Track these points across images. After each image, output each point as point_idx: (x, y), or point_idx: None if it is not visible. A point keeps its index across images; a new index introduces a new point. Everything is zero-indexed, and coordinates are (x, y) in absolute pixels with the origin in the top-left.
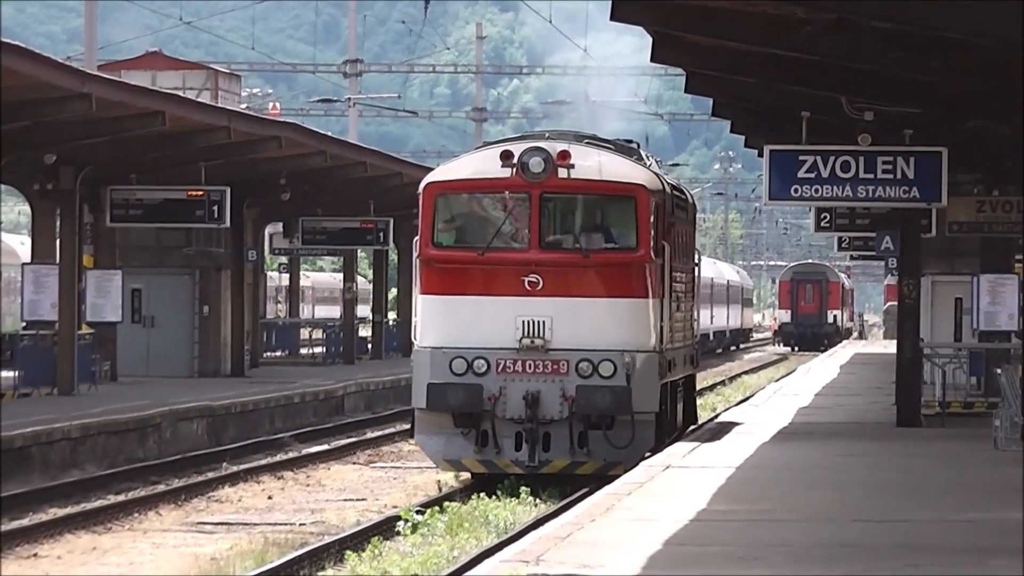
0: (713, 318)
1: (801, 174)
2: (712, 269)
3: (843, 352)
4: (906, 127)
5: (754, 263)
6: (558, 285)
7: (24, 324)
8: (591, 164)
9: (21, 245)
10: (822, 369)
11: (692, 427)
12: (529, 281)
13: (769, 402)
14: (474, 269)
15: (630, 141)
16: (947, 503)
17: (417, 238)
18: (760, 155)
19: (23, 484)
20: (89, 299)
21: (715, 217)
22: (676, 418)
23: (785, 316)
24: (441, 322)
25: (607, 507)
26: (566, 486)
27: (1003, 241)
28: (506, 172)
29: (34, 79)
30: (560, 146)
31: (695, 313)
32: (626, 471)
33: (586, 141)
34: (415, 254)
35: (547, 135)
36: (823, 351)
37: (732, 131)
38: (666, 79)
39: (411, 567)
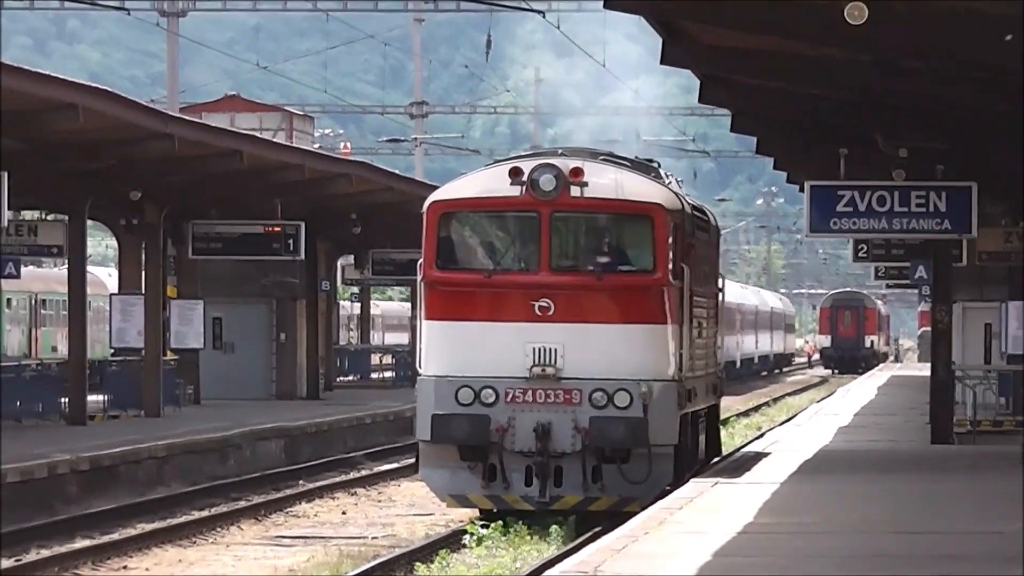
0: (758, 343)
1: (840, 208)
2: (756, 297)
3: (880, 375)
4: (938, 162)
5: (795, 291)
6: (570, 310)
7: (112, 351)
8: (605, 182)
9: (108, 277)
10: (860, 390)
11: (716, 459)
12: (540, 306)
13: (811, 422)
14: (481, 293)
15: (651, 161)
16: (977, 516)
17: (421, 260)
18: (801, 190)
19: (112, 501)
20: (173, 327)
21: (759, 248)
22: (698, 449)
23: (825, 341)
24: (446, 349)
25: (660, 520)
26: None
27: None
28: (515, 190)
29: (120, 121)
30: (573, 163)
31: (719, 339)
32: (643, 508)
33: (601, 158)
34: (419, 277)
35: (560, 151)
36: (861, 373)
37: (775, 168)
38: (712, 119)
39: None
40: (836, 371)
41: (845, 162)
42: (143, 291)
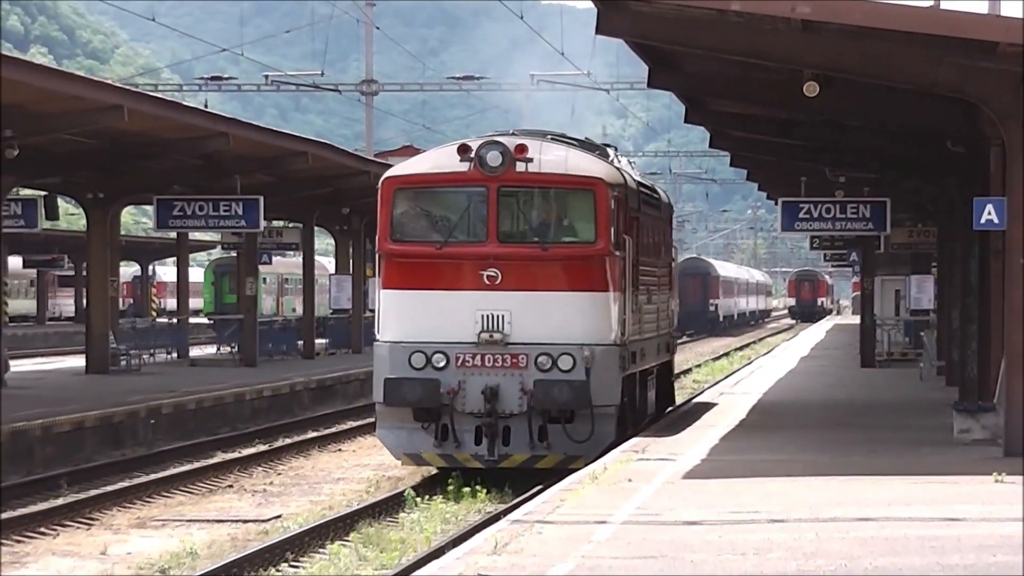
0: (748, 303)
1: (801, 215)
2: (747, 274)
3: (827, 323)
4: (865, 185)
5: (773, 269)
6: (517, 279)
7: (331, 311)
8: (550, 158)
9: (329, 263)
10: (815, 333)
11: (670, 408)
12: (488, 275)
13: (784, 352)
14: (433, 263)
15: (608, 145)
16: (892, 413)
17: (377, 234)
18: (775, 203)
19: (332, 407)
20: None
21: (748, 242)
22: (646, 406)
23: (791, 301)
24: (400, 316)
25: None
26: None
27: (925, 255)
28: (464, 166)
29: (336, 163)
30: (518, 140)
31: (672, 304)
32: (586, 464)
33: (550, 138)
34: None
35: (512, 132)
36: (815, 322)
37: (748, 178)
38: (719, 158)
39: None
40: (799, 320)
41: (804, 185)
42: (351, 272)
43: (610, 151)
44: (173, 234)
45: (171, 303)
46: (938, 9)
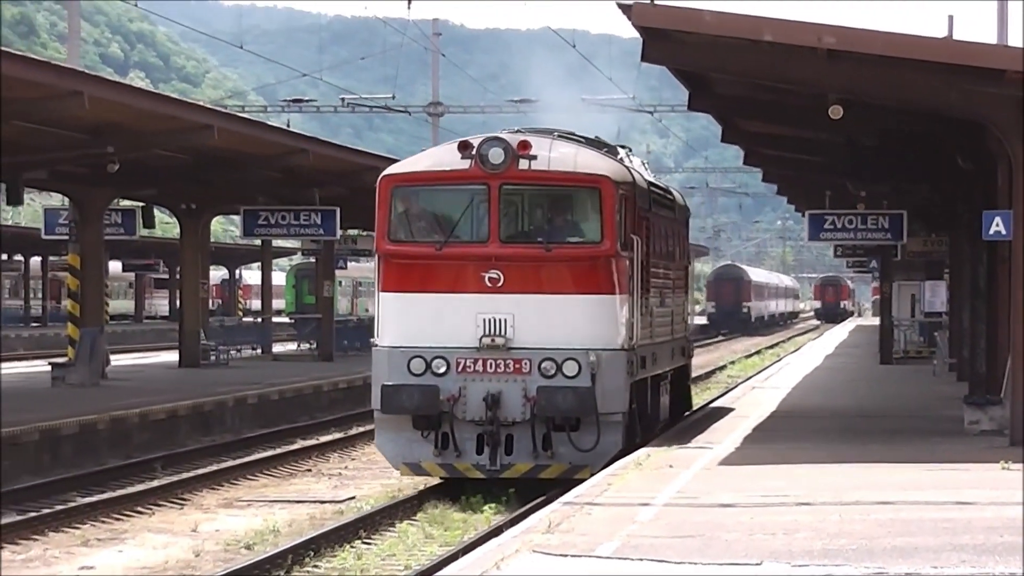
0: (778, 306)
1: (826, 226)
2: (777, 279)
3: (849, 324)
4: (883, 199)
5: (800, 275)
6: (520, 281)
7: None
8: (555, 156)
9: None
10: (838, 333)
11: (687, 412)
12: (490, 277)
13: (811, 350)
14: (432, 265)
15: (622, 146)
16: (909, 406)
17: (375, 234)
18: (802, 215)
19: None
20: None
21: (778, 250)
22: (658, 412)
23: (817, 304)
24: (399, 320)
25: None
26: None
27: (938, 262)
28: (465, 164)
29: None
30: (521, 137)
31: (688, 306)
32: (592, 475)
33: (556, 135)
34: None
35: (517, 130)
36: (839, 323)
37: (777, 192)
38: (752, 174)
39: None
40: (824, 322)
41: (829, 198)
42: None
43: (621, 151)
44: (258, 241)
45: (256, 304)
46: (951, 40)
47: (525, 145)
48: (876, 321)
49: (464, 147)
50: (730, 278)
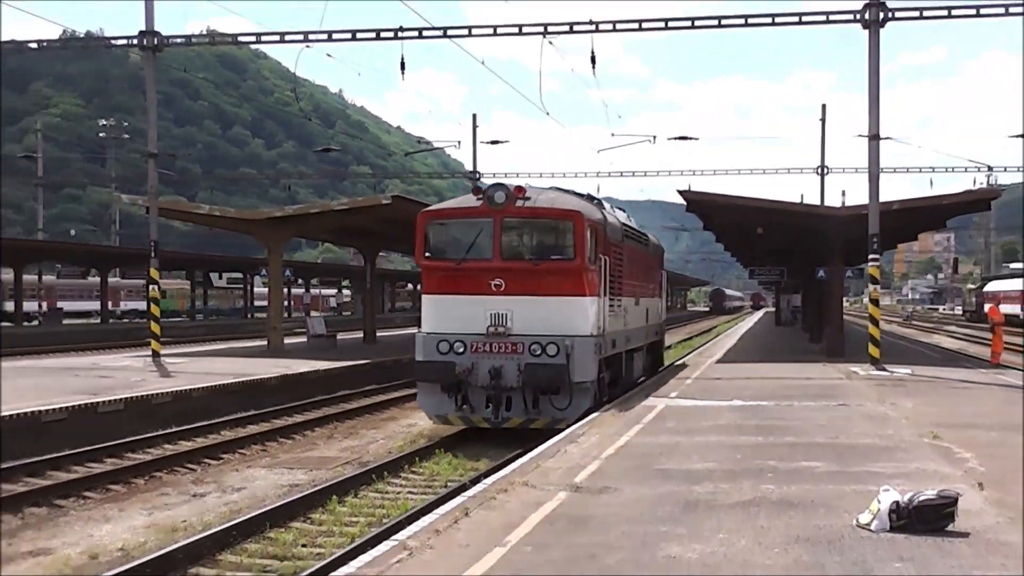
0: (735, 303)
1: (756, 271)
2: (736, 292)
3: (764, 311)
4: (778, 260)
5: (745, 291)
6: (517, 287)
7: None
8: (542, 198)
9: None
10: (759, 316)
11: (661, 368)
12: (495, 284)
13: (747, 321)
14: (454, 275)
15: (608, 199)
16: (787, 343)
17: (426, 253)
18: (744, 266)
19: None
20: None
21: (737, 280)
22: (632, 374)
23: (751, 303)
24: (433, 314)
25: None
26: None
27: (797, 286)
28: (477, 204)
29: None
30: (518, 184)
31: (661, 306)
32: (568, 426)
33: (552, 188)
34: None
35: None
36: (760, 310)
37: (733, 257)
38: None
39: None
40: (754, 311)
41: (756, 258)
42: None
43: (605, 204)
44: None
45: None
46: (805, 204)
47: (520, 190)
48: (774, 310)
49: (477, 191)
50: (717, 292)
